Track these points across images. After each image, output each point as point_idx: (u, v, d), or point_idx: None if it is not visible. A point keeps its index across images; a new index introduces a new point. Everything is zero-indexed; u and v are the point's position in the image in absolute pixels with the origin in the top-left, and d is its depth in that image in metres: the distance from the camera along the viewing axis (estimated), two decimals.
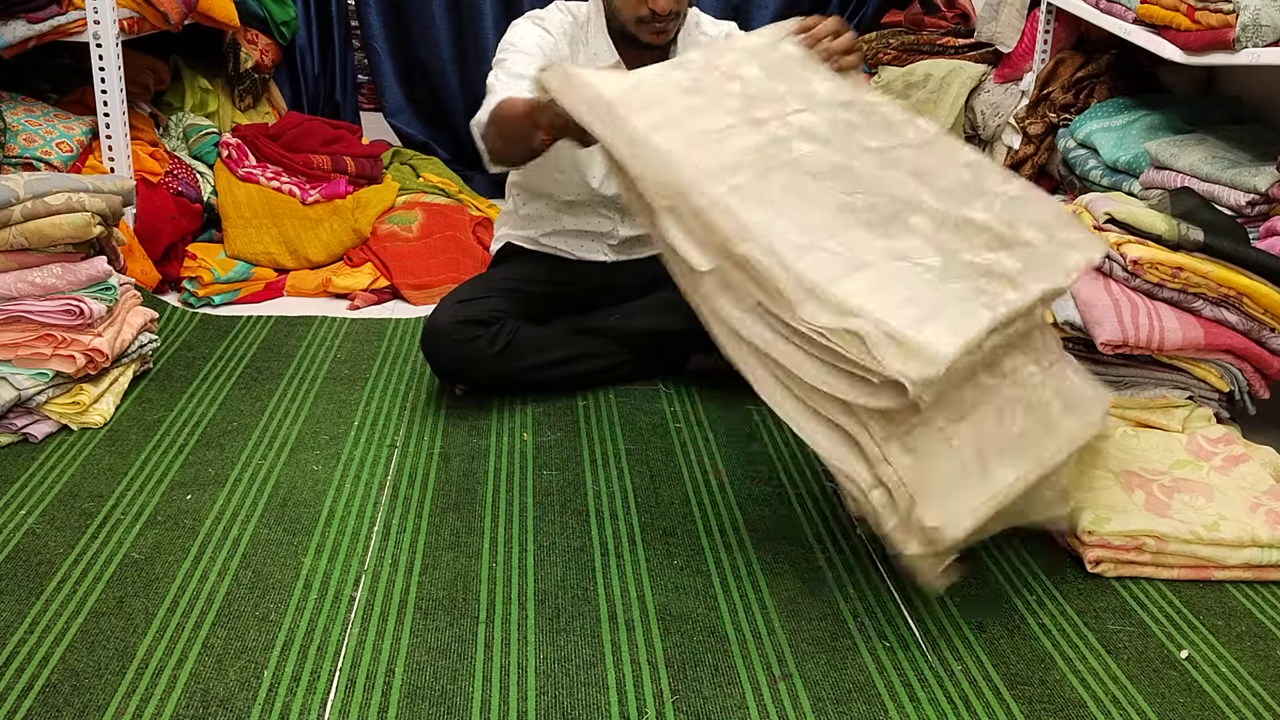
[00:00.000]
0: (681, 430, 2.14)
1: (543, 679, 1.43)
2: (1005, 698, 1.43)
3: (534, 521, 1.80)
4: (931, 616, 1.59)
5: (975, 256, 1.52)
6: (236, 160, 3.09)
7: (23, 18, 2.56)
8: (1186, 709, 1.43)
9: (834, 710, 1.40)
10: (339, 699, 1.38)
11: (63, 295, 2.07)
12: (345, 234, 3.00)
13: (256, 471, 1.93)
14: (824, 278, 1.41)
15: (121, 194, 2.22)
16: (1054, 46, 3.10)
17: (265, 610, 1.55)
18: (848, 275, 1.42)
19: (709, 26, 2.27)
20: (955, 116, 3.28)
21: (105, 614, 1.52)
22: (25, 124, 2.68)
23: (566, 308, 2.36)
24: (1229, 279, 1.95)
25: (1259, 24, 2.03)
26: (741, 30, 2.28)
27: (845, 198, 1.54)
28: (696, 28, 2.24)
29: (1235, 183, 2.18)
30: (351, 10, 3.76)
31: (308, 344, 2.50)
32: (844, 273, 1.42)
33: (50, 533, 1.72)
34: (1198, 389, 2.05)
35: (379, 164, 3.29)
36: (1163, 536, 1.69)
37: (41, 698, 1.36)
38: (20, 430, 2.01)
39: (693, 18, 2.24)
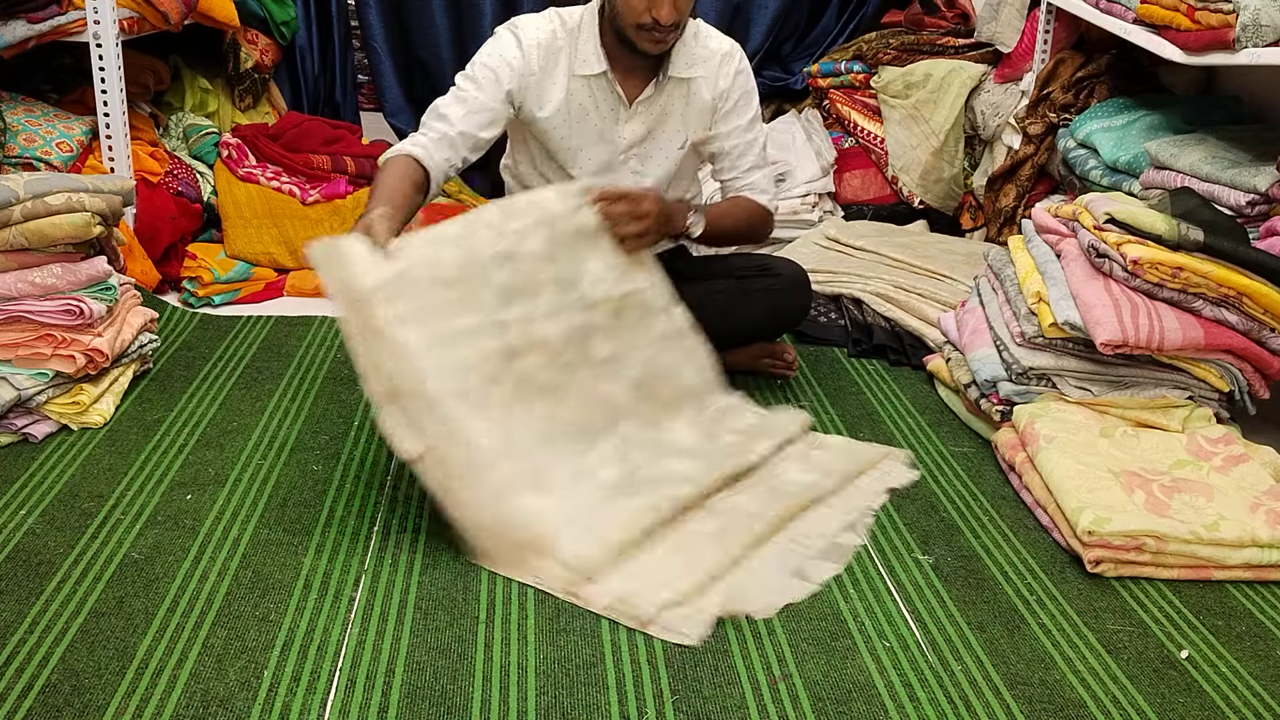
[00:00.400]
0: None
1: (543, 679, 1.43)
2: (1005, 698, 1.43)
3: None
4: (931, 616, 1.59)
5: (660, 466, 1.84)
6: (236, 160, 3.09)
7: (23, 18, 2.55)
8: (1186, 709, 1.43)
9: (834, 710, 1.40)
10: (339, 699, 1.38)
11: (63, 295, 2.07)
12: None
13: (256, 471, 1.93)
14: (509, 489, 1.66)
15: (121, 194, 2.22)
16: (1054, 46, 3.10)
17: (265, 610, 1.55)
18: (529, 491, 1.68)
19: (710, 40, 2.22)
20: (955, 116, 3.28)
21: (105, 614, 1.52)
22: (25, 124, 2.68)
23: None
24: (1229, 279, 1.95)
25: (1259, 24, 2.03)
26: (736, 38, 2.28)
27: (554, 411, 1.79)
28: (695, 39, 2.19)
29: (1235, 183, 2.18)
30: (351, 10, 3.76)
31: (308, 344, 2.50)
32: (527, 488, 1.68)
33: (50, 533, 1.72)
34: (1198, 389, 2.05)
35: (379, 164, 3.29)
36: (1163, 536, 1.69)
37: (41, 697, 1.36)
38: (20, 430, 2.01)
39: (692, 29, 2.20)
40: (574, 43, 2.14)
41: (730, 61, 2.22)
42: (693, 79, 2.18)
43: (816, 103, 3.60)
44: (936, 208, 3.35)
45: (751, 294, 2.29)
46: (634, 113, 2.18)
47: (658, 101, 2.18)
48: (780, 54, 3.77)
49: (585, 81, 2.15)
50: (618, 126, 2.19)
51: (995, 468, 2.04)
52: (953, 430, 2.19)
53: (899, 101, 3.37)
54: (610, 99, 2.16)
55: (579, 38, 2.14)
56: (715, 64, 2.20)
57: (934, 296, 2.65)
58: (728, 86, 2.22)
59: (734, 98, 2.23)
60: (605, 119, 2.18)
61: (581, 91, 2.15)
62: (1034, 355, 2.08)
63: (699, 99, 2.20)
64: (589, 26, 2.14)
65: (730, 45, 2.25)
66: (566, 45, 2.15)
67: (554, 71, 2.14)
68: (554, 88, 2.14)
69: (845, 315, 2.66)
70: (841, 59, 3.54)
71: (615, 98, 2.16)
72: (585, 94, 2.15)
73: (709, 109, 2.22)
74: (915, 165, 3.33)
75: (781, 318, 2.37)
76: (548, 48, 2.13)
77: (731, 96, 2.22)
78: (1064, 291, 2.06)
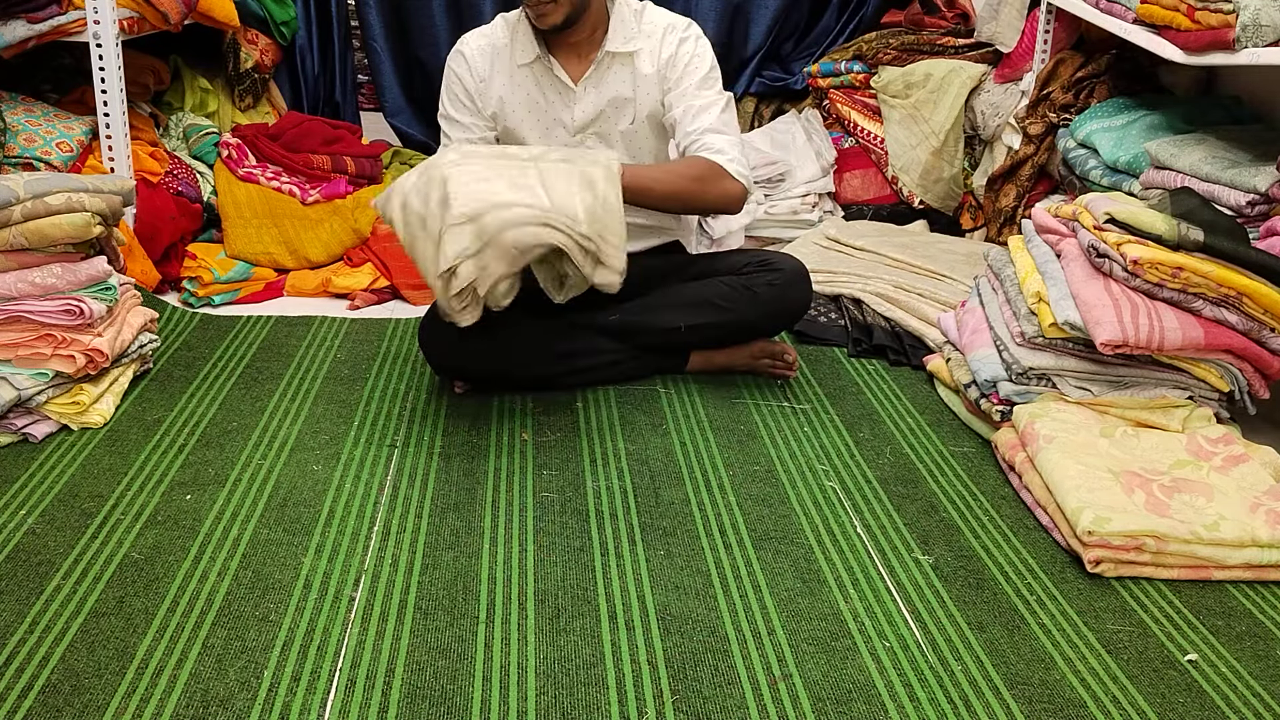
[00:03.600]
0: (681, 430, 2.14)
1: (543, 679, 1.43)
2: (1005, 698, 1.43)
3: (534, 521, 1.80)
4: (931, 616, 1.59)
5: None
6: (236, 160, 3.09)
7: (23, 18, 2.55)
8: (1186, 709, 1.43)
9: (834, 710, 1.40)
10: (339, 699, 1.38)
11: (63, 295, 2.07)
12: (345, 234, 3.00)
13: (256, 471, 1.93)
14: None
15: (121, 194, 2.22)
16: (1054, 46, 3.10)
17: (265, 610, 1.55)
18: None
19: (656, 16, 2.26)
20: (955, 116, 3.28)
21: (105, 614, 1.52)
22: (25, 124, 2.68)
23: (567, 306, 2.35)
24: (1229, 279, 1.95)
25: (1259, 24, 2.03)
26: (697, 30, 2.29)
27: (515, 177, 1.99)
28: (636, 17, 2.25)
29: (1235, 183, 2.18)
30: (351, 10, 3.76)
31: (308, 344, 2.50)
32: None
33: (50, 533, 1.72)
34: (1198, 389, 2.05)
35: (379, 164, 3.29)
36: (1163, 536, 1.69)
37: (41, 698, 1.36)
38: (20, 430, 2.01)
39: (636, 8, 2.26)
40: (514, 36, 2.25)
41: (673, 33, 2.26)
42: (634, 53, 2.25)
43: (816, 103, 3.60)
44: (936, 208, 3.35)
45: (752, 289, 2.29)
46: (582, 92, 2.25)
47: (602, 78, 2.25)
48: (780, 54, 3.77)
49: (527, 70, 2.24)
50: (569, 109, 2.26)
51: (995, 468, 2.04)
52: (953, 430, 2.19)
53: (899, 101, 3.37)
54: (555, 83, 2.25)
55: (518, 30, 2.25)
56: (658, 37, 2.26)
57: (934, 296, 2.65)
58: (671, 54, 2.25)
59: (681, 64, 2.25)
60: (554, 104, 2.26)
61: (527, 80, 2.25)
62: (1034, 355, 2.08)
63: (641, 73, 2.25)
64: (524, 19, 2.23)
65: (675, 20, 2.30)
66: (508, 41, 2.26)
67: (500, 68, 2.25)
68: (498, 83, 2.25)
69: (845, 315, 2.66)
70: (841, 59, 3.54)
71: (559, 81, 2.24)
72: (530, 82, 2.25)
73: (655, 81, 2.26)
74: (915, 165, 3.33)
75: (782, 313, 2.37)
76: (489, 51, 2.26)
77: (678, 64, 2.25)
78: (1064, 291, 2.06)
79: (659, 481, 1.94)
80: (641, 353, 2.32)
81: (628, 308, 2.31)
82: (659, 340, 2.31)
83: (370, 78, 3.81)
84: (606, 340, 2.29)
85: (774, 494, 1.92)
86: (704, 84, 2.25)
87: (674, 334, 2.29)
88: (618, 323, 2.28)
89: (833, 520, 1.84)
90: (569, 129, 2.27)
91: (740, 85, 3.67)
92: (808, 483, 1.96)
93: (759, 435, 2.13)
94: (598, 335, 2.28)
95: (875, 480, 1.98)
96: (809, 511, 1.87)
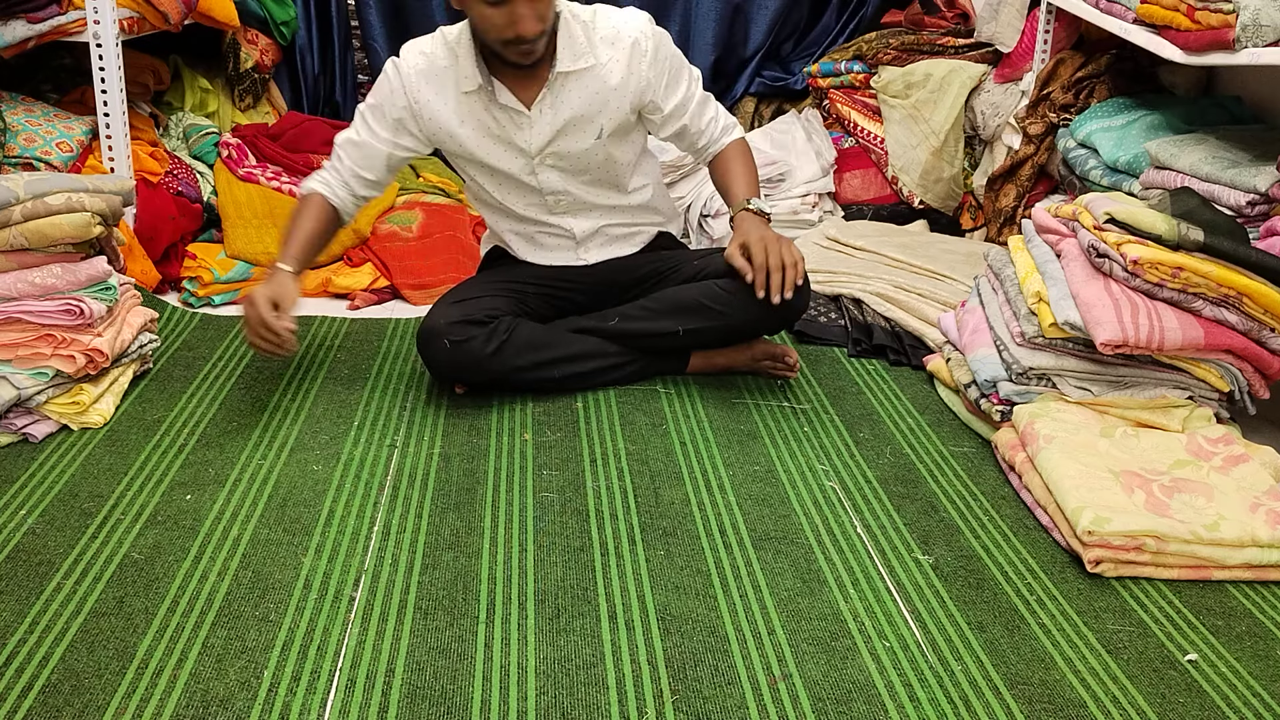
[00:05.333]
0: (681, 430, 2.14)
1: (543, 679, 1.43)
2: (1005, 698, 1.43)
3: (534, 521, 1.80)
4: (932, 616, 1.59)
5: None
6: (236, 160, 3.09)
7: (23, 18, 2.56)
8: (1186, 709, 1.43)
9: (834, 710, 1.40)
10: (339, 699, 1.38)
11: (63, 295, 2.07)
12: (345, 234, 3.00)
13: (256, 471, 1.93)
14: None
15: (121, 194, 2.22)
16: (1054, 46, 3.10)
17: (265, 610, 1.55)
18: None
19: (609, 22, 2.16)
20: (955, 116, 3.28)
21: (105, 614, 1.52)
22: (25, 124, 2.68)
23: (567, 308, 2.36)
24: (1229, 279, 1.95)
25: (1259, 24, 2.03)
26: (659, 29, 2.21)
27: None
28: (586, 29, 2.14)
29: (1235, 183, 2.18)
30: (351, 10, 3.76)
31: (308, 344, 2.50)
32: None
33: (50, 532, 1.72)
34: (1198, 389, 2.05)
35: None
36: (1163, 536, 1.69)
37: (41, 697, 1.36)
38: (20, 430, 2.01)
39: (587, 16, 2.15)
40: (456, 60, 2.13)
41: (639, 50, 2.15)
42: (591, 68, 2.14)
43: (816, 103, 3.60)
44: (936, 208, 3.35)
45: (752, 288, 2.28)
46: (537, 115, 2.16)
47: (556, 99, 2.15)
48: (780, 54, 3.77)
49: (474, 96, 2.15)
50: (520, 131, 2.17)
51: (995, 468, 2.04)
52: (953, 430, 2.19)
53: (899, 101, 3.37)
54: (501, 108, 2.15)
55: (459, 54, 2.13)
56: (625, 47, 2.15)
57: (934, 296, 2.65)
58: (651, 76, 2.17)
59: (663, 81, 2.20)
60: (507, 128, 2.17)
61: (476, 106, 2.16)
62: (1034, 355, 2.08)
63: (608, 85, 2.16)
64: (465, 43, 2.12)
65: (631, 22, 2.16)
66: (450, 64, 2.14)
67: (444, 92, 2.15)
68: (447, 108, 2.16)
69: (845, 315, 2.66)
70: (841, 59, 3.54)
71: (499, 108, 2.15)
72: (479, 108, 2.16)
73: (627, 94, 2.17)
74: (915, 165, 3.33)
75: (780, 314, 2.36)
76: (428, 71, 2.15)
77: (660, 82, 2.20)
78: (1064, 291, 2.06)
79: (659, 481, 1.94)
80: (641, 356, 2.32)
81: (626, 312, 2.31)
82: (658, 344, 2.30)
83: (370, 78, 3.81)
84: (606, 344, 2.29)
85: (774, 494, 1.92)
86: (687, 78, 2.25)
87: (672, 338, 2.29)
88: (616, 327, 2.28)
89: (833, 520, 1.84)
90: (526, 152, 2.20)
91: (740, 85, 3.68)
92: (808, 483, 1.96)
93: (759, 435, 2.13)
94: (597, 340, 2.28)
95: (875, 480, 1.98)
96: (809, 511, 1.87)
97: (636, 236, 2.41)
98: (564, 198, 2.28)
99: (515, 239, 2.38)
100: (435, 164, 3.56)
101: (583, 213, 2.32)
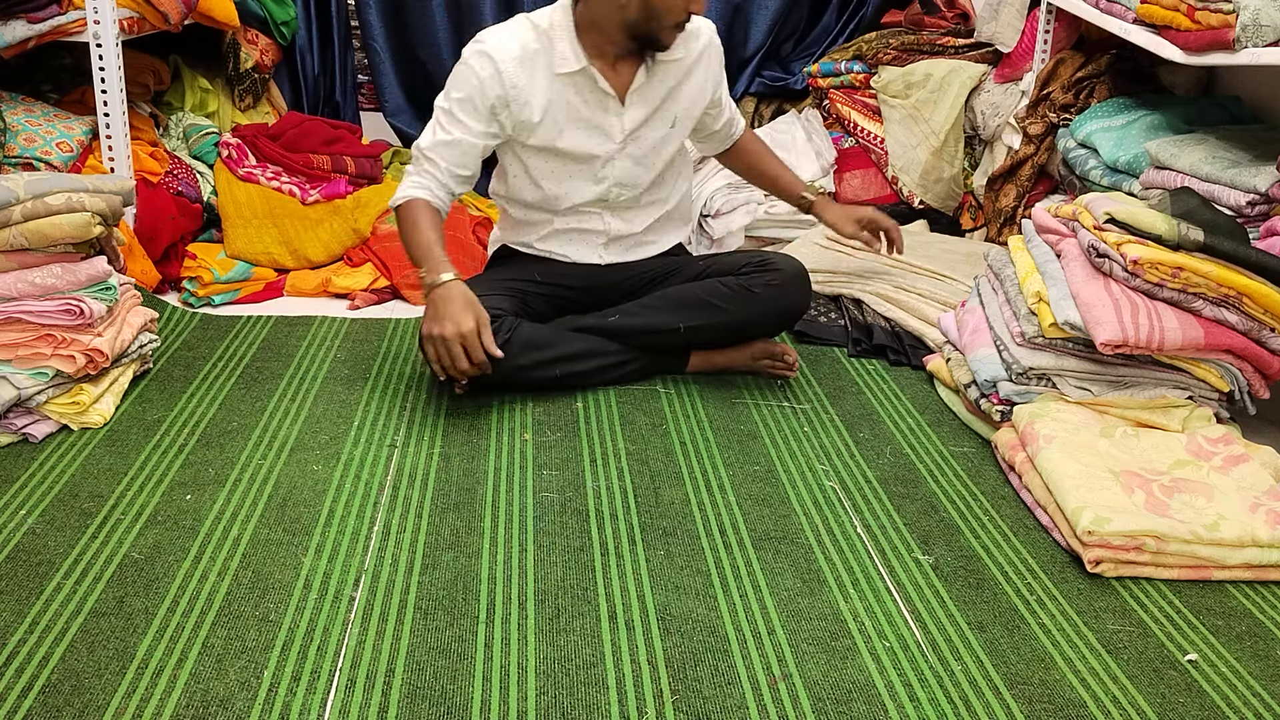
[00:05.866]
0: (681, 430, 2.14)
1: (543, 679, 1.43)
2: (1005, 698, 1.43)
3: (534, 521, 1.80)
4: (931, 616, 1.59)
5: None
6: (236, 160, 3.09)
7: (23, 18, 2.55)
8: (1186, 709, 1.43)
9: (834, 710, 1.40)
10: (339, 699, 1.38)
11: (63, 295, 2.07)
12: (345, 234, 3.00)
13: (256, 471, 1.93)
14: None
15: (121, 194, 2.22)
16: (1054, 46, 3.10)
17: (265, 610, 1.55)
18: None
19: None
20: (955, 116, 3.28)
21: (105, 614, 1.53)
22: (25, 124, 2.68)
23: (567, 308, 2.36)
24: (1229, 279, 1.95)
25: (1259, 24, 2.03)
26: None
27: None
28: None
29: (1235, 183, 2.18)
30: (351, 10, 3.76)
31: (308, 344, 2.51)
32: None
33: (50, 532, 1.72)
34: (1198, 389, 2.05)
35: (379, 164, 3.29)
36: (1163, 536, 1.69)
37: (41, 697, 1.36)
38: (20, 430, 2.01)
39: None
40: (549, 43, 2.17)
41: (714, 46, 2.33)
42: (680, 60, 2.26)
43: (816, 103, 3.60)
44: (936, 208, 3.35)
45: (751, 289, 2.29)
46: (629, 102, 2.23)
47: (650, 87, 2.24)
48: (780, 54, 3.77)
49: (568, 79, 2.18)
50: (609, 117, 2.23)
51: (995, 468, 2.04)
52: (953, 430, 2.19)
53: (899, 101, 3.37)
54: (595, 92, 2.20)
55: (553, 37, 2.17)
56: (703, 48, 2.30)
57: (934, 296, 2.65)
58: (719, 73, 2.36)
59: (723, 76, 2.38)
60: (595, 111, 2.22)
61: (566, 89, 2.19)
62: (1034, 355, 2.08)
63: (689, 78, 2.29)
64: (563, 24, 2.17)
65: (708, 28, 2.33)
66: (543, 48, 2.17)
67: (535, 77, 2.17)
68: (538, 92, 2.18)
69: (845, 315, 2.66)
70: (841, 59, 3.54)
71: (599, 91, 2.20)
72: (570, 91, 2.19)
73: (699, 88, 2.31)
74: (915, 165, 3.33)
75: (781, 313, 2.37)
76: (521, 56, 2.16)
77: (722, 77, 2.39)
78: (1064, 291, 2.06)
79: (659, 481, 1.94)
80: (642, 355, 2.32)
81: (627, 309, 2.31)
82: (658, 341, 2.31)
83: (370, 78, 3.81)
84: (607, 342, 2.29)
85: (774, 494, 1.92)
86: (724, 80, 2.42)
87: (673, 334, 2.29)
88: (617, 324, 2.28)
89: (833, 520, 1.84)
90: (611, 137, 2.24)
91: (740, 85, 3.67)
92: (808, 483, 1.96)
93: (759, 435, 2.13)
94: (598, 337, 2.28)
95: (875, 480, 1.98)
96: (809, 511, 1.87)
97: (659, 243, 2.45)
98: (625, 191, 2.31)
99: (543, 236, 2.36)
100: None
101: (631, 211, 2.36)
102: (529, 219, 2.37)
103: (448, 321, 2.02)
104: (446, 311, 2.03)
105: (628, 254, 2.39)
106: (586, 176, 2.28)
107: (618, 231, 2.36)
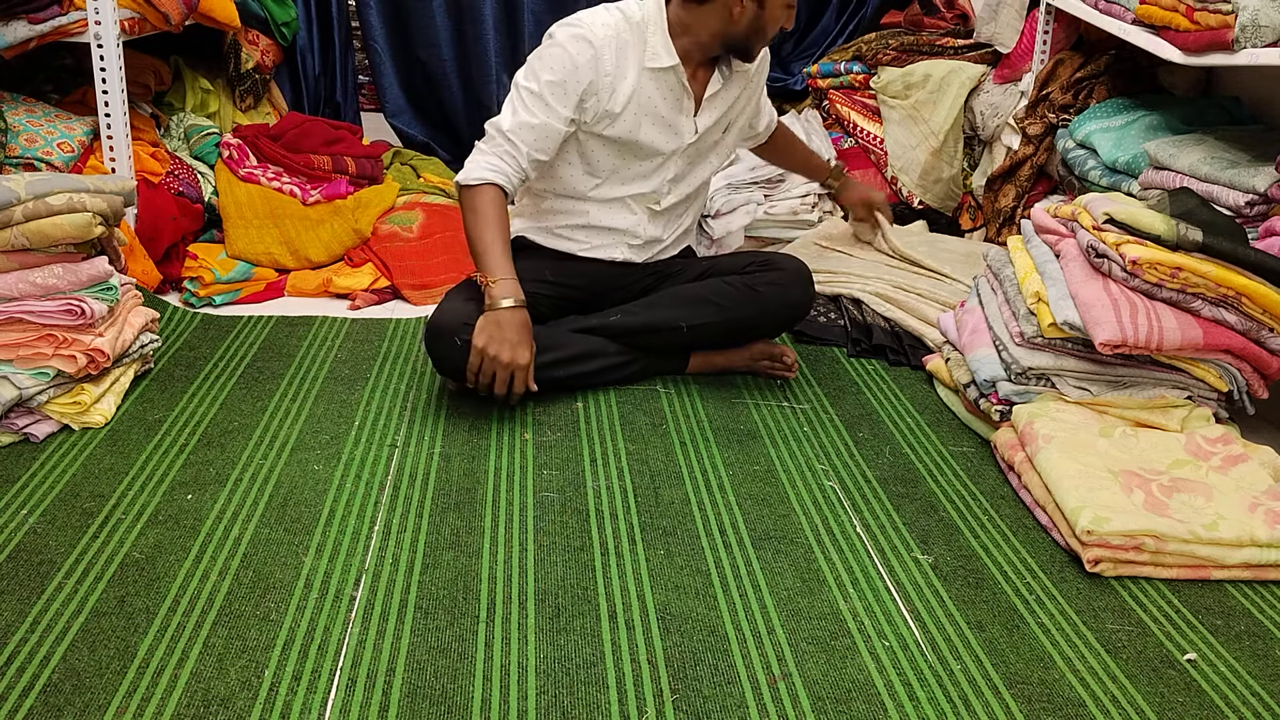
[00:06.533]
0: (681, 430, 2.14)
1: (543, 678, 1.43)
2: (1005, 697, 1.44)
3: (534, 521, 1.80)
4: (931, 616, 1.60)
5: None
6: (237, 160, 3.10)
7: (24, 18, 2.56)
8: (1185, 709, 1.43)
9: (834, 710, 1.40)
10: (339, 698, 1.39)
11: (64, 295, 2.08)
12: (346, 234, 3.00)
13: (257, 471, 1.93)
14: None
15: (123, 194, 2.22)
16: (1053, 47, 3.10)
17: (266, 610, 1.55)
18: None
19: None
20: (954, 117, 3.28)
21: (106, 613, 1.53)
22: (26, 124, 2.69)
23: (569, 309, 2.36)
24: (1228, 279, 1.95)
25: (1258, 24, 2.04)
26: None
27: None
28: None
29: (1234, 183, 2.18)
30: (352, 11, 3.77)
31: (308, 344, 2.51)
32: None
33: (51, 532, 1.73)
34: (1197, 389, 2.05)
35: (379, 164, 3.30)
36: (1162, 536, 1.69)
37: (42, 697, 1.36)
38: (21, 430, 2.02)
39: None
40: (641, 36, 2.20)
41: (765, 57, 2.42)
42: (746, 70, 2.33)
43: (816, 103, 3.61)
44: (936, 208, 3.35)
45: (754, 288, 2.30)
46: (704, 106, 2.29)
47: (724, 94, 2.31)
48: (780, 54, 3.77)
49: (655, 74, 2.21)
50: (682, 117, 2.27)
51: (995, 468, 2.05)
52: (952, 430, 2.19)
53: (898, 102, 3.38)
54: (676, 90, 2.24)
55: (646, 31, 2.20)
56: (760, 57, 2.37)
57: (933, 296, 2.66)
58: (764, 81, 2.45)
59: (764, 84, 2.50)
60: (671, 109, 2.26)
61: (650, 84, 2.22)
62: (1033, 355, 2.09)
63: (750, 86, 2.39)
64: (656, 20, 2.20)
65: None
66: (634, 40, 2.20)
67: (625, 66, 2.20)
68: (625, 82, 2.20)
69: (845, 315, 2.66)
70: (841, 59, 3.54)
71: (682, 89, 2.24)
72: (653, 86, 2.22)
73: (753, 97, 2.42)
74: (914, 165, 3.33)
75: (784, 313, 2.37)
76: (617, 44, 2.18)
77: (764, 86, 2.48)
78: (1063, 291, 2.06)
79: (659, 481, 1.95)
80: (643, 355, 2.32)
81: (628, 308, 2.31)
82: (660, 340, 2.31)
83: (371, 78, 3.81)
84: (608, 343, 2.29)
85: (774, 494, 1.92)
86: None
87: (676, 333, 2.29)
88: (619, 323, 2.28)
89: (832, 520, 1.85)
90: (684, 137, 2.28)
91: None
92: (808, 483, 1.96)
93: (759, 435, 2.13)
94: (600, 338, 2.28)
95: (875, 480, 1.99)
96: (809, 511, 1.87)
97: (675, 247, 2.47)
98: (676, 189, 2.35)
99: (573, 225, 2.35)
100: (436, 164, 3.56)
101: (672, 212, 2.39)
102: (562, 208, 2.34)
103: (506, 347, 2.06)
104: (507, 336, 2.07)
105: (651, 253, 2.41)
106: (646, 171, 2.30)
107: (650, 235, 2.37)
